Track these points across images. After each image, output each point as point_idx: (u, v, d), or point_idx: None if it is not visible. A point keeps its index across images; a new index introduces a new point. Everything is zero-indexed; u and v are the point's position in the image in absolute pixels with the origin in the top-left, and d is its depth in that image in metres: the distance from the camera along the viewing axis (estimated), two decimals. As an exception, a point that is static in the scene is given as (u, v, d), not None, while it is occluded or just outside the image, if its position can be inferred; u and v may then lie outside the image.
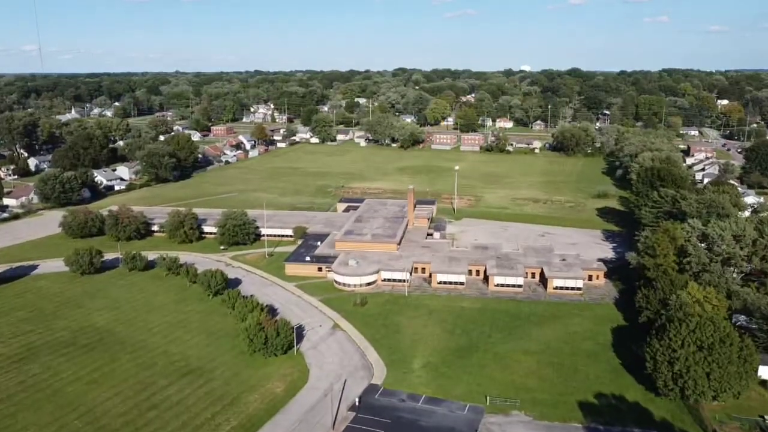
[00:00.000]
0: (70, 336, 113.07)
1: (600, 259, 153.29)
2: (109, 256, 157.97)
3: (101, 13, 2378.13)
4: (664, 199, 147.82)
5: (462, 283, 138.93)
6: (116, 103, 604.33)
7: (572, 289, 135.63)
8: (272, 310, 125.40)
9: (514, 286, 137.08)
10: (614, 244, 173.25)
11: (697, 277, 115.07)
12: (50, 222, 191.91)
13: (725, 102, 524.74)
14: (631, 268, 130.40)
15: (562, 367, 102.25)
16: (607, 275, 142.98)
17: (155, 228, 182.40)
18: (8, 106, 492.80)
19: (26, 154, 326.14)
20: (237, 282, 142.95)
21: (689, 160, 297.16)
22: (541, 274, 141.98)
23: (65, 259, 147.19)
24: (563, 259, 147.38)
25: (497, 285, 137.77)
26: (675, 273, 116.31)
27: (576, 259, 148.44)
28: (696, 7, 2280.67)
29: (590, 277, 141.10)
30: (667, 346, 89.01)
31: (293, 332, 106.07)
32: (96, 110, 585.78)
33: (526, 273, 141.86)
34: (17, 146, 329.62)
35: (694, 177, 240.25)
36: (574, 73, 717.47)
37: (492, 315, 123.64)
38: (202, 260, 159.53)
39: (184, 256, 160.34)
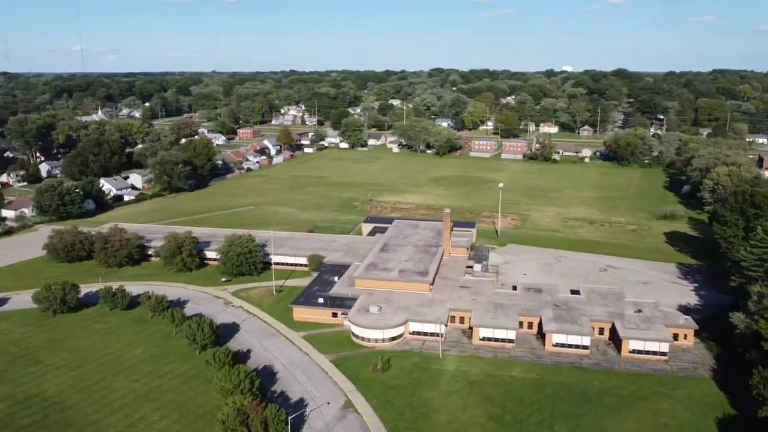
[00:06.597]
0: (8, 412, 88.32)
1: (682, 308, 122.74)
2: (96, 286, 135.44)
3: (145, 13, 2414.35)
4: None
5: (511, 341, 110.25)
6: (146, 104, 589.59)
7: (654, 353, 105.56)
8: (270, 375, 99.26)
9: (578, 347, 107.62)
10: (695, 284, 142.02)
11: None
12: (42, 240, 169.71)
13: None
14: (738, 333, 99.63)
15: (658, 491, 73.15)
16: (697, 333, 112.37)
17: (152, 252, 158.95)
18: (36, 107, 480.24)
19: (42, 159, 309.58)
20: (234, 329, 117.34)
21: (765, 174, 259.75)
22: (612, 330, 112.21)
23: (34, 296, 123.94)
24: (639, 310, 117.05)
25: (556, 344, 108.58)
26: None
27: (656, 309, 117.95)
28: (742, 6, 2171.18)
29: (676, 336, 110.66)
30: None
31: (287, 425, 79.25)
32: (125, 111, 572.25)
33: (593, 328, 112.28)
34: (33, 150, 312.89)
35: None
36: (621, 73, 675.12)
37: (552, 392, 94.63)
38: (198, 296, 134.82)
39: (178, 290, 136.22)
